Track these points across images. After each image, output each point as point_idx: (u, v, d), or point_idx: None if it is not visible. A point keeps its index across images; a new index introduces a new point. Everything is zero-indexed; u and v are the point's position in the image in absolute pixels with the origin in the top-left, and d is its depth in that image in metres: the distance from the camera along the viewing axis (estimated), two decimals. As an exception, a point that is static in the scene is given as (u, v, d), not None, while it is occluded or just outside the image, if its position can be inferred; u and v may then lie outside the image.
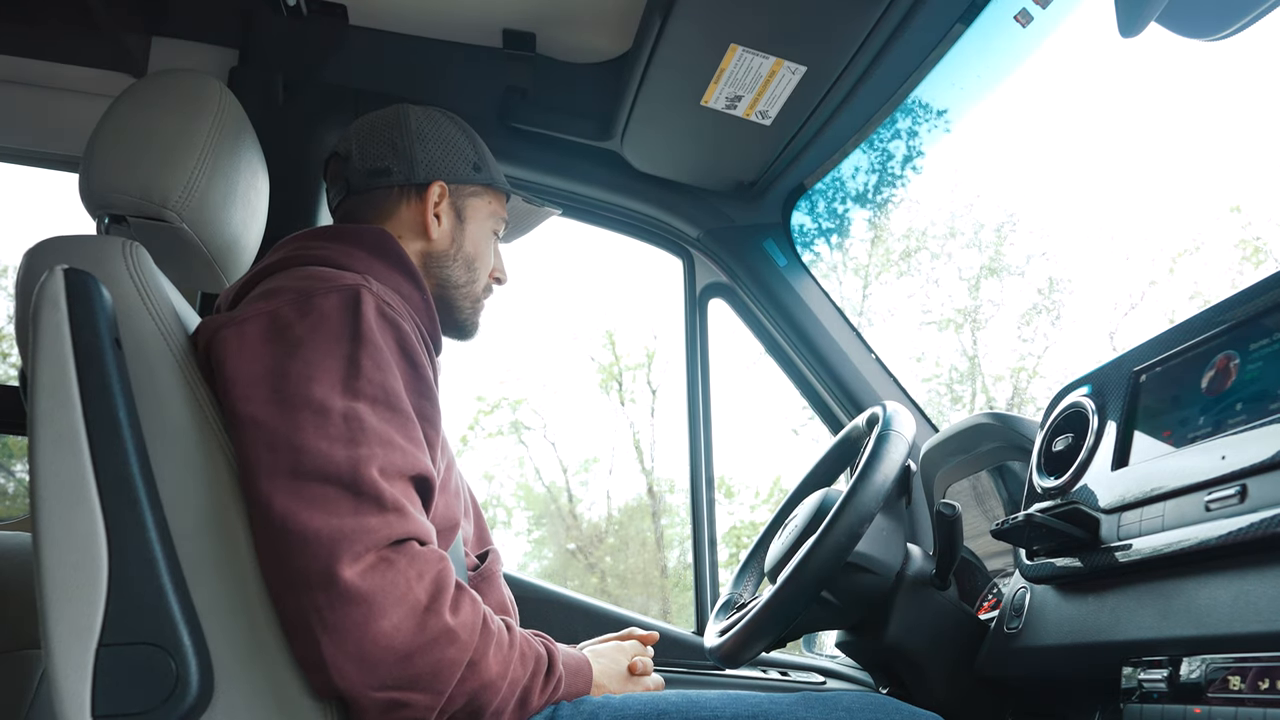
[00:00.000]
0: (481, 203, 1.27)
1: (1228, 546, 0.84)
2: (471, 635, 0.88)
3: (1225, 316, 0.97)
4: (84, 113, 1.66)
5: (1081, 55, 8.85)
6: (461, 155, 1.27)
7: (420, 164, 1.23)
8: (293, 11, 1.65)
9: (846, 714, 0.96)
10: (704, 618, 1.85)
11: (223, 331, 0.93)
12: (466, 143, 1.28)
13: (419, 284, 1.14)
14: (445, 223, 1.23)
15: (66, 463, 0.81)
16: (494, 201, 1.29)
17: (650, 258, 9.80)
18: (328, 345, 0.91)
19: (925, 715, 1.01)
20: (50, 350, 0.82)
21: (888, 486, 1.15)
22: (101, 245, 0.92)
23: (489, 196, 1.28)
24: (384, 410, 0.91)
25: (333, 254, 1.08)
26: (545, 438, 9.83)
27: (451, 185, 1.24)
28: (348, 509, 0.85)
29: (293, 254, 1.07)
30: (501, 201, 1.30)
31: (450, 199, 1.24)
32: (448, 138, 1.27)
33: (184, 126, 1.03)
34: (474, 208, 1.26)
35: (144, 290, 0.91)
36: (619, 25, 1.63)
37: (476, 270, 1.26)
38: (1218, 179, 10.63)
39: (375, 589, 0.82)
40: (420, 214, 1.22)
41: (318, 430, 0.87)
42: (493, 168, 1.30)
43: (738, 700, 0.97)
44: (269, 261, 1.07)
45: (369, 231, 1.15)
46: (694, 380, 1.96)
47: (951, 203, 9.29)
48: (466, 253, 1.25)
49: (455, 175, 1.25)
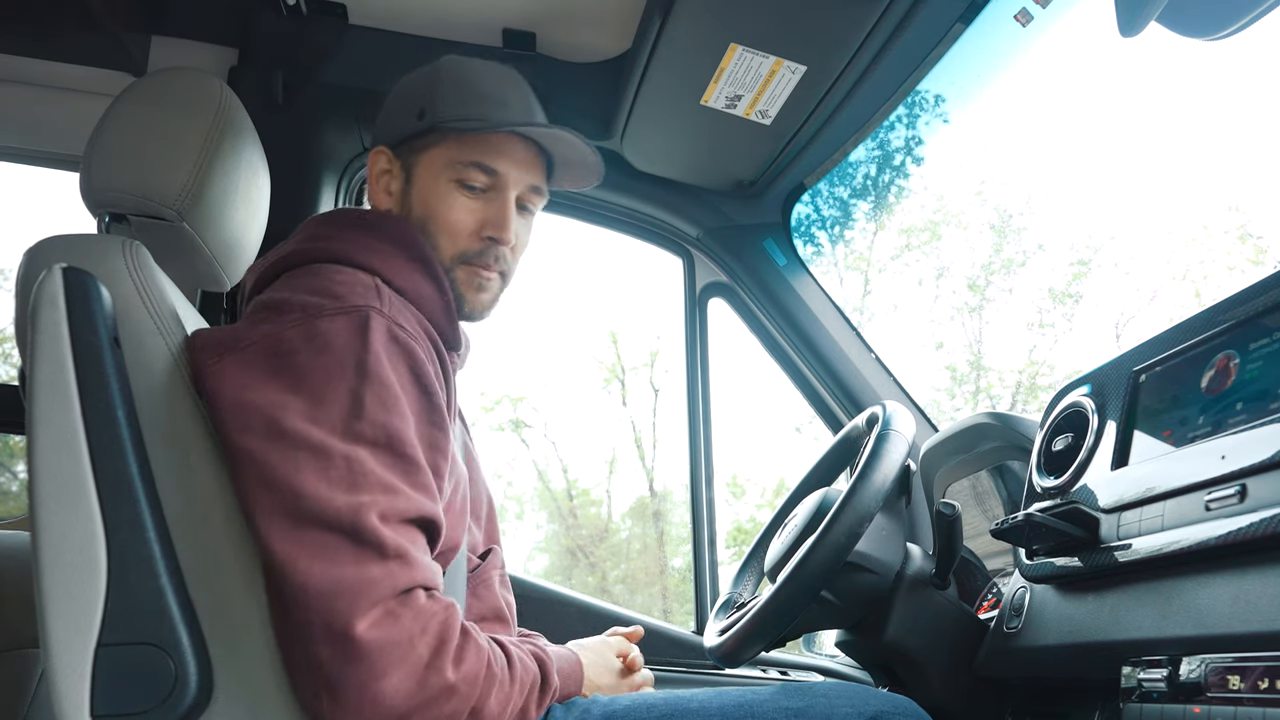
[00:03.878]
0: (433, 154, 1.08)
1: (1227, 546, 0.84)
2: (473, 687, 0.85)
3: (1225, 316, 0.97)
4: (84, 112, 1.66)
5: (1080, 55, 8.85)
6: (407, 106, 1.10)
7: (373, 136, 1.13)
8: (293, 11, 1.65)
9: (825, 700, 0.99)
10: (704, 617, 1.86)
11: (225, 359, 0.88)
12: (422, 87, 1.10)
13: (436, 278, 1.04)
14: (395, 190, 1.10)
15: (65, 462, 0.81)
16: (452, 147, 1.07)
17: (651, 257, 9.80)
18: (331, 380, 0.86)
19: (899, 700, 1.03)
20: (49, 349, 0.82)
21: (887, 486, 1.14)
22: (101, 244, 0.92)
23: (444, 143, 1.08)
24: (386, 455, 0.86)
25: (352, 248, 1.00)
26: (545, 436, 9.84)
27: (395, 147, 1.11)
28: (348, 558, 0.81)
29: (312, 245, 1.01)
30: (467, 143, 1.07)
31: (399, 161, 1.10)
32: (401, 91, 1.13)
33: (184, 125, 1.02)
34: (423, 162, 1.09)
35: (143, 289, 0.91)
36: (619, 25, 1.63)
37: (431, 234, 1.07)
38: (1218, 178, 10.63)
39: (377, 647, 0.79)
40: (373, 190, 1.11)
41: (317, 473, 0.83)
42: (450, 105, 1.07)
43: (721, 694, 1.00)
44: (290, 250, 1.02)
45: (390, 221, 1.06)
46: (694, 380, 1.96)
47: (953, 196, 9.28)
48: (417, 217, 1.08)
49: (394, 132, 1.10)
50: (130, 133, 1.01)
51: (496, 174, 1.08)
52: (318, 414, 0.85)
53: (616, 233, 1.98)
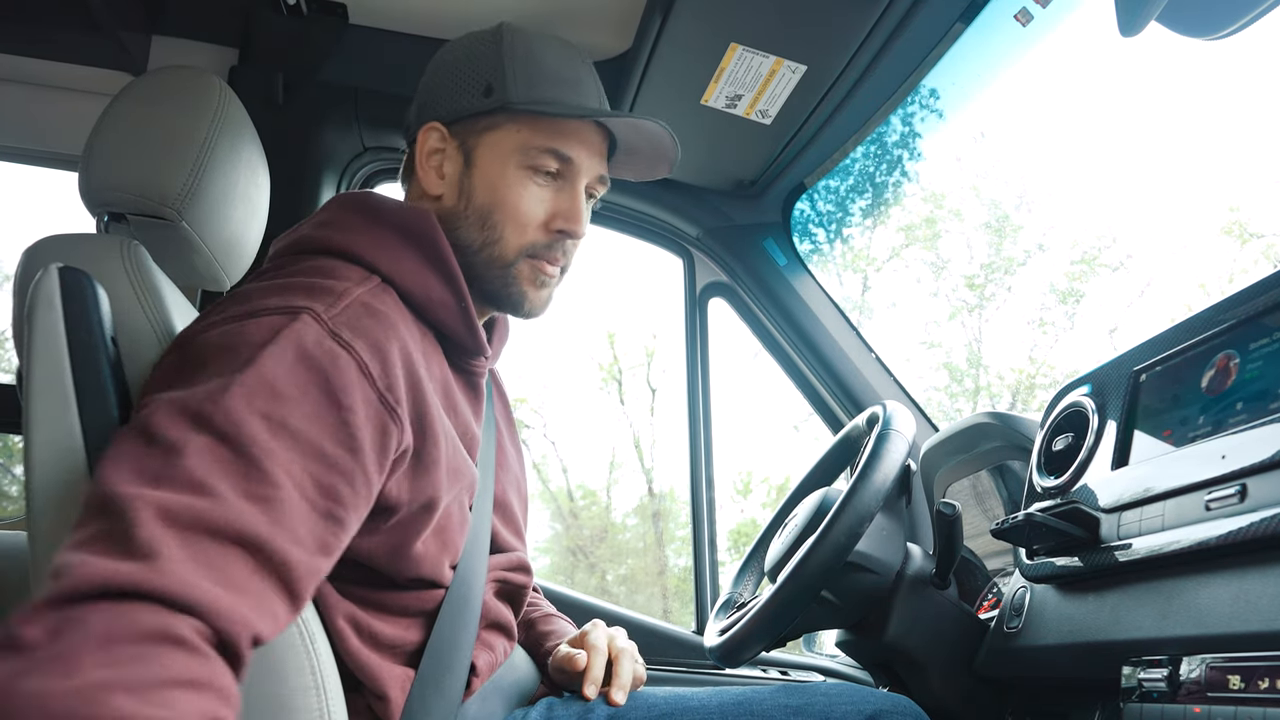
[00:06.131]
0: (501, 135, 0.99)
1: (1228, 546, 0.84)
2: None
3: (1225, 316, 0.97)
4: (84, 111, 1.66)
5: (1080, 55, 8.85)
6: (468, 79, 1.00)
7: (420, 108, 1.03)
8: (293, 10, 1.65)
9: (824, 699, 1.00)
10: (704, 617, 1.85)
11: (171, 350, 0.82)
12: (487, 61, 1.00)
13: (451, 278, 0.96)
14: (450, 172, 1.01)
15: (62, 462, 0.80)
16: (524, 129, 0.99)
17: (650, 257, 9.79)
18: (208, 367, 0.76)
19: (898, 699, 1.03)
20: (45, 349, 0.82)
21: (888, 486, 1.14)
22: (99, 244, 0.92)
23: (515, 125, 0.99)
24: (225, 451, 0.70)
25: (360, 241, 0.93)
26: (545, 436, 9.84)
27: (452, 124, 1.01)
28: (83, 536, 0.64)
29: (321, 233, 0.94)
30: (542, 127, 0.99)
31: (456, 141, 1.01)
32: (457, 61, 1.02)
33: (184, 124, 1.02)
34: (487, 144, 1.00)
35: (140, 289, 0.91)
36: (619, 24, 1.63)
37: (496, 224, 0.99)
38: (1217, 177, 10.62)
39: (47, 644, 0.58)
40: (422, 171, 1.02)
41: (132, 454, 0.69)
42: (522, 85, 0.99)
43: (721, 693, 1.01)
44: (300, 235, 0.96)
45: (414, 216, 0.97)
46: (694, 380, 1.96)
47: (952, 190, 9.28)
48: (479, 205, 0.99)
49: (453, 109, 1.01)
50: (129, 132, 1.01)
51: (570, 161, 1.01)
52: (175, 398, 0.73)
53: (617, 233, 1.98)
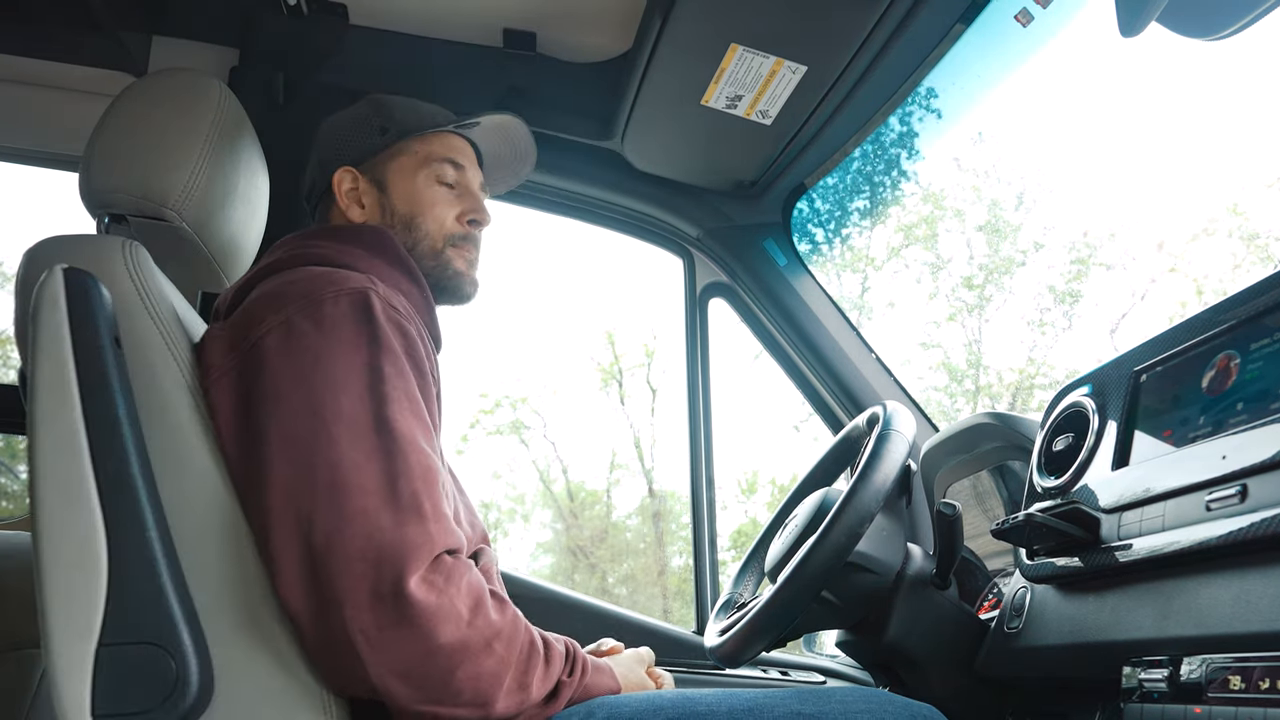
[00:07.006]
0: (404, 160, 1.21)
1: (1228, 546, 0.84)
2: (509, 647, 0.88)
3: (1226, 316, 0.97)
4: (84, 112, 1.66)
5: (1079, 55, 8.85)
6: (364, 128, 1.22)
7: (320, 164, 1.22)
8: (293, 11, 1.65)
9: (841, 706, 0.94)
10: (704, 618, 1.85)
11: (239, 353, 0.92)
12: (369, 115, 1.23)
13: (417, 280, 1.13)
14: (368, 202, 1.20)
15: (66, 462, 0.80)
16: (422, 149, 1.22)
17: (650, 257, 9.79)
18: (347, 354, 0.91)
19: (919, 707, 0.99)
20: (50, 349, 0.82)
21: (888, 486, 1.14)
22: (101, 245, 0.92)
23: (414, 147, 1.22)
24: (410, 417, 0.91)
25: (333, 253, 1.07)
26: (545, 437, 9.84)
27: (360, 164, 1.21)
28: (389, 522, 0.84)
29: (292, 254, 1.06)
30: (435, 142, 1.23)
31: (366, 177, 1.21)
32: (344, 121, 1.24)
33: (184, 126, 1.03)
34: (395, 169, 1.21)
35: (143, 289, 0.91)
36: (619, 25, 1.63)
37: (419, 225, 1.19)
38: (1217, 176, 10.62)
39: (424, 606, 0.82)
40: (344, 205, 1.20)
41: (352, 444, 0.86)
42: (409, 117, 1.23)
43: (732, 695, 0.97)
44: (267, 262, 1.06)
45: (367, 229, 1.14)
46: (694, 380, 1.96)
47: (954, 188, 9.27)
48: (402, 214, 1.19)
49: (359, 152, 1.21)
50: (129, 133, 1.01)
51: (463, 168, 1.24)
52: (342, 387, 0.89)
53: (617, 233, 1.98)
